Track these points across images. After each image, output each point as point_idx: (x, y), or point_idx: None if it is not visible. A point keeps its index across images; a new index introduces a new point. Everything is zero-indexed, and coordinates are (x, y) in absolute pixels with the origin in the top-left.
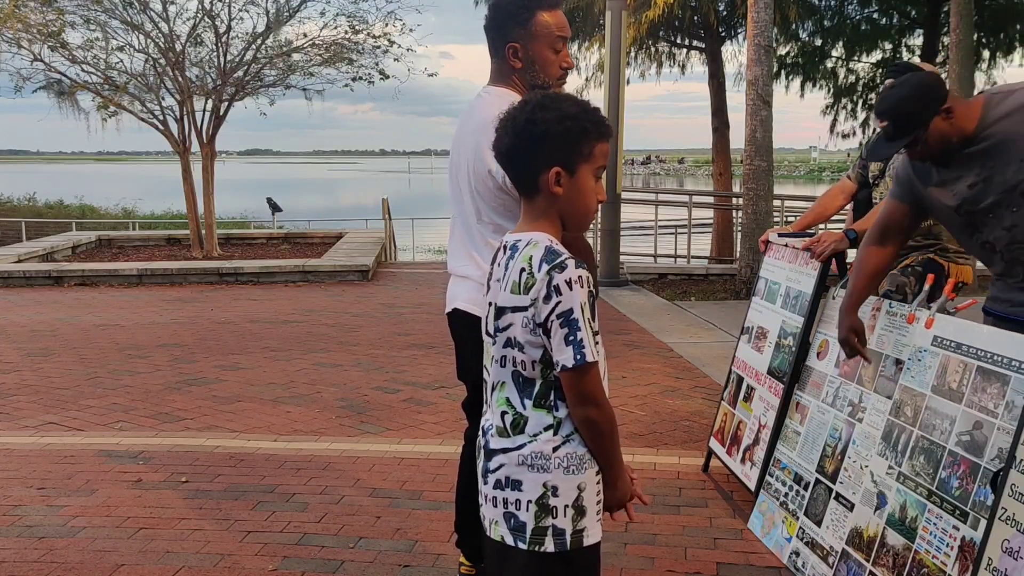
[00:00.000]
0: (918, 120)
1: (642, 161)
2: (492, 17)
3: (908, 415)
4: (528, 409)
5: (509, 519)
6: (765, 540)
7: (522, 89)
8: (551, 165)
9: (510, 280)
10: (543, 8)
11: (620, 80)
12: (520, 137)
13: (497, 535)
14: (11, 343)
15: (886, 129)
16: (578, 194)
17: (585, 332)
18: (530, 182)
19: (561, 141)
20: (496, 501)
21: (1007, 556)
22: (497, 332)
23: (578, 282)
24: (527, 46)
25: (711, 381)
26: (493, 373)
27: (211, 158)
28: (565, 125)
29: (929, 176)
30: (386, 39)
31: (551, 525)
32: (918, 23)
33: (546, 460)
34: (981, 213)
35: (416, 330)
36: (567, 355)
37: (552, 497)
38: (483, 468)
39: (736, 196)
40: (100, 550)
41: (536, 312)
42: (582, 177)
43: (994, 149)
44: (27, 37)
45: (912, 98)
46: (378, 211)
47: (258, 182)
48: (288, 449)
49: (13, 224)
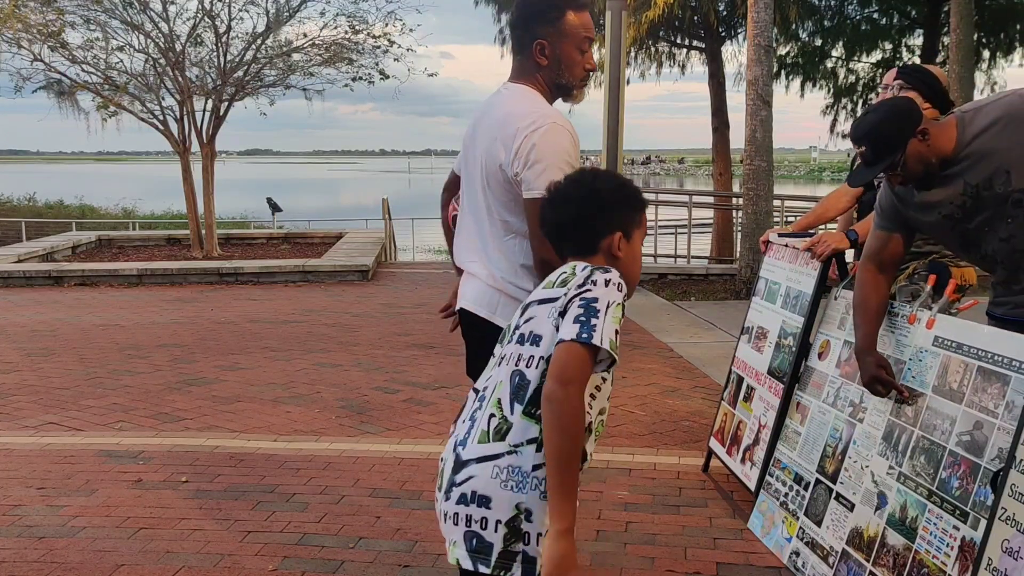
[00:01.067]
0: (895, 143)
1: (642, 161)
2: (520, 14)
3: (909, 415)
4: (515, 415)
5: (471, 539)
6: (765, 540)
7: (544, 87)
8: (614, 230)
9: (548, 280)
10: (573, 8)
11: (620, 80)
12: (585, 204)
13: (453, 558)
14: (11, 343)
15: (864, 155)
16: (632, 260)
17: (603, 322)
18: (590, 246)
19: (622, 207)
20: (457, 518)
21: (1007, 556)
22: (515, 329)
23: (616, 286)
24: (555, 44)
25: (711, 381)
26: (493, 376)
27: (211, 158)
28: (625, 192)
29: (912, 197)
30: (386, 39)
31: (521, 551)
32: (918, 23)
33: (523, 477)
34: (976, 229)
35: (416, 330)
36: (571, 330)
37: (525, 522)
38: (447, 482)
39: (736, 196)
40: (100, 550)
41: (565, 298)
42: (635, 243)
43: (978, 166)
44: (27, 37)
45: (887, 121)
46: (378, 211)
47: (258, 182)
48: (288, 449)
49: (13, 224)
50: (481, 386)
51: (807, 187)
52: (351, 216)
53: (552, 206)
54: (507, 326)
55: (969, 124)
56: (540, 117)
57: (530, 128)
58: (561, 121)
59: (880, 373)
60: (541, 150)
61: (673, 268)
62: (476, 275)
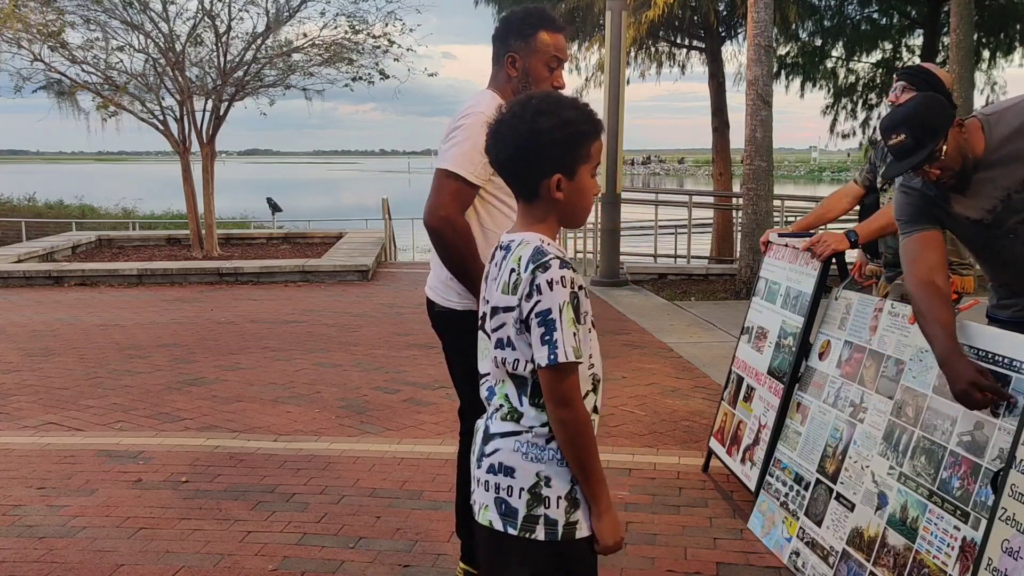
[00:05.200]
0: (938, 127)
1: (642, 161)
2: (499, 28)
3: (909, 415)
4: (524, 406)
5: (500, 504)
6: (765, 540)
7: (510, 96)
8: (553, 172)
9: (501, 280)
10: (546, 28)
11: (620, 80)
12: (522, 147)
13: (486, 520)
14: (11, 343)
15: (902, 144)
16: (578, 195)
17: (562, 333)
18: (531, 188)
19: (563, 148)
20: (488, 485)
21: (1007, 556)
22: (492, 332)
23: (560, 282)
24: (525, 59)
25: (711, 381)
26: (493, 372)
27: (211, 158)
28: (567, 131)
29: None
30: (386, 39)
31: (543, 515)
32: (918, 23)
33: (540, 451)
34: (1003, 234)
35: (416, 330)
36: (542, 354)
37: (545, 487)
38: (479, 452)
39: (736, 196)
40: (100, 550)
41: (520, 310)
42: (581, 178)
43: (1008, 168)
44: (27, 37)
45: (927, 106)
46: (378, 211)
47: (258, 182)
48: (288, 449)
49: (13, 224)
50: (484, 371)
51: (807, 187)
52: (351, 216)
53: (493, 140)
54: (481, 314)
55: (995, 126)
56: (473, 107)
57: (462, 115)
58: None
59: (979, 379)
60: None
61: (673, 268)
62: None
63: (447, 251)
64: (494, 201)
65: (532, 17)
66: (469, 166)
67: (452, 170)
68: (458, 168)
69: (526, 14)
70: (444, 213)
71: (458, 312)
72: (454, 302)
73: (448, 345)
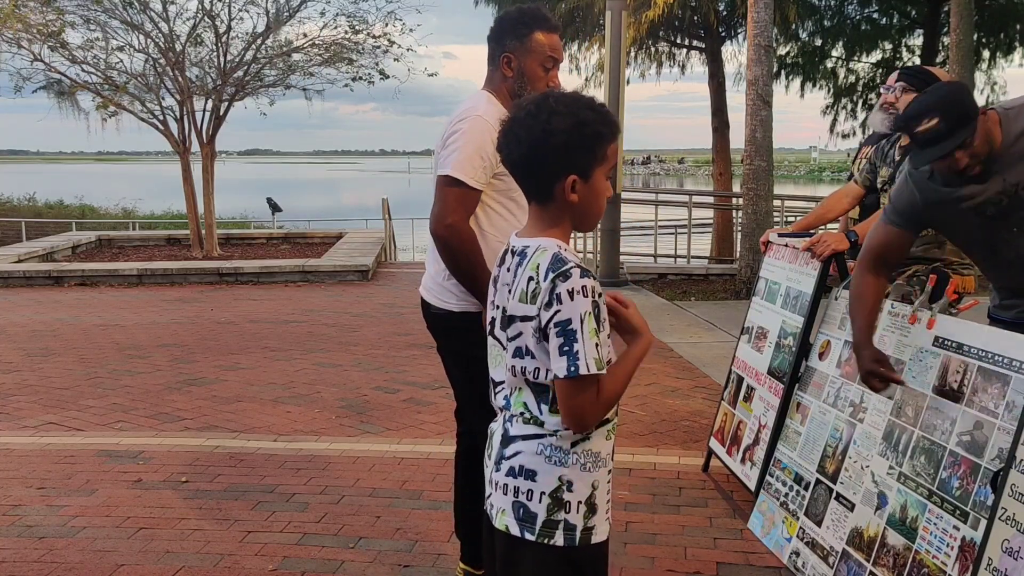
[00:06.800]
0: (971, 112)
1: (642, 161)
2: (494, 29)
3: (909, 415)
4: (544, 414)
5: (518, 509)
6: (765, 540)
7: (507, 98)
8: (568, 174)
9: (519, 288)
10: (541, 28)
11: (620, 80)
12: (536, 147)
13: (502, 525)
14: (11, 343)
15: (936, 127)
16: (592, 197)
17: (583, 344)
18: (544, 190)
19: (579, 149)
20: (507, 489)
21: (1007, 556)
22: (509, 341)
23: (581, 292)
24: (520, 59)
25: (711, 381)
26: (509, 380)
27: (211, 158)
28: (583, 132)
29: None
30: (386, 39)
31: (563, 519)
32: (918, 23)
33: (564, 455)
34: (1007, 230)
35: (416, 330)
36: (560, 365)
37: (567, 492)
38: (497, 455)
39: (736, 196)
40: (100, 550)
41: (539, 319)
42: (596, 180)
43: (1019, 164)
44: (27, 37)
45: (960, 92)
46: (378, 211)
47: (258, 182)
48: (288, 449)
49: (13, 224)
50: (498, 378)
51: (807, 187)
52: (351, 216)
53: (505, 139)
54: (491, 319)
55: (1014, 121)
56: (470, 110)
57: (459, 119)
58: (488, 116)
59: (876, 367)
60: (459, 136)
61: (673, 268)
62: (427, 269)
63: (455, 259)
64: (493, 204)
65: (527, 17)
66: (470, 170)
67: (454, 176)
68: (460, 173)
69: (521, 14)
70: (450, 220)
71: (455, 313)
72: (452, 304)
73: (444, 346)
